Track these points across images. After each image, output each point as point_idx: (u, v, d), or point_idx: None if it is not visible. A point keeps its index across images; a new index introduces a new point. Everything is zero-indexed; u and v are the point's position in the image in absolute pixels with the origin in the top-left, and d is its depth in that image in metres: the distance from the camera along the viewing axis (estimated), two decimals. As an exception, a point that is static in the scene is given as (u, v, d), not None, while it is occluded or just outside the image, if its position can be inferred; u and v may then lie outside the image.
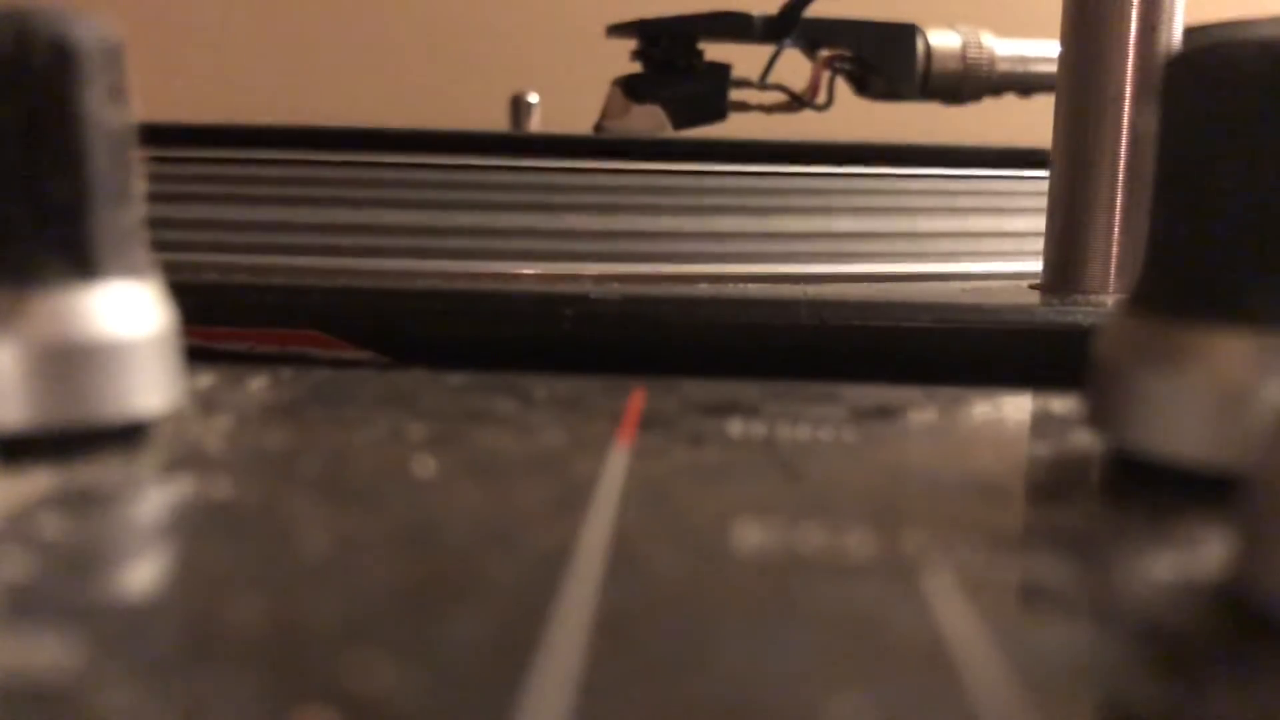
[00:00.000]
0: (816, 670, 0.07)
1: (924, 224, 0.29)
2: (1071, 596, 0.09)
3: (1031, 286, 0.25)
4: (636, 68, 0.37)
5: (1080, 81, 0.24)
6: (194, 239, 0.26)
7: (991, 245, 0.30)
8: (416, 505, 0.10)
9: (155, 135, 0.14)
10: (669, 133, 0.36)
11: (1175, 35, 0.24)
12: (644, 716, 0.07)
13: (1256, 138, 0.11)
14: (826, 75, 0.38)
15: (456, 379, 0.16)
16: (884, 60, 0.37)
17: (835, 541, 0.10)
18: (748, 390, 0.15)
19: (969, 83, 0.38)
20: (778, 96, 0.38)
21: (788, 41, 0.38)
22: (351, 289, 0.22)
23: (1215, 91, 0.11)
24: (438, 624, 0.08)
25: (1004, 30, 0.39)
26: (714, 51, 0.37)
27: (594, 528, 0.10)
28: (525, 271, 0.27)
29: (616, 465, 0.12)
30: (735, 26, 0.37)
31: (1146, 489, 0.11)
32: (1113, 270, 0.24)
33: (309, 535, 0.10)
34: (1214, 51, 0.11)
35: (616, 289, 0.22)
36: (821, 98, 0.38)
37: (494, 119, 0.51)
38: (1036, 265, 0.26)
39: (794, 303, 0.21)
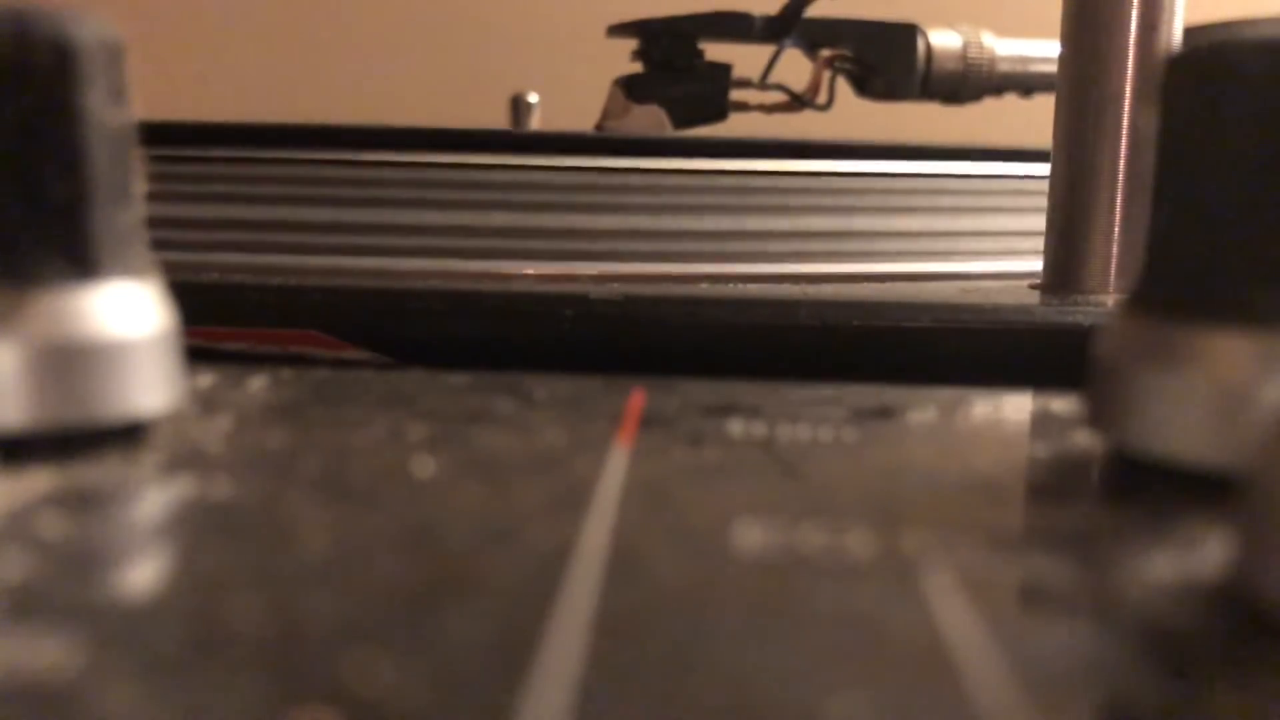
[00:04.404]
0: (816, 670, 0.07)
1: (924, 224, 0.29)
2: (1071, 596, 0.09)
3: (1031, 286, 0.25)
4: (636, 68, 0.37)
5: (1080, 81, 0.24)
6: (194, 239, 0.26)
7: (991, 245, 0.30)
8: (416, 505, 0.10)
9: (155, 135, 0.14)
10: (669, 133, 0.36)
11: (1175, 35, 0.24)
12: (644, 716, 0.07)
13: (1256, 138, 0.11)
14: (827, 75, 0.38)
15: (456, 379, 0.16)
16: (884, 60, 0.37)
17: (835, 541, 0.10)
18: (748, 390, 0.15)
19: (969, 83, 0.38)
20: (778, 96, 0.38)
21: (788, 41, 0.38)
22: (351, 289, 0.22)
23: (1215, 91, 0.11)
24: (438, 624, 0.08)
25: (1004, 30, 0.39)
26: (714, 51, 0.37)
27: (594, 528, 0.10)
28: (525, 271, 0.27)
29: (616, 465, 0.12)
30: (735, 26, 0.37)
31: (1146, 489, 0.11)
32: (1113, 270, 0.24)
33: (309, 535, 0.10)
34: (1214, 51, 0.11)
35: (616, 289, 0.22)
36: (822, 98, 0.38)
37: (494, 119, 0.51)
38: (1036, 265, 0.26)
39: (794, 303, 0.21)
